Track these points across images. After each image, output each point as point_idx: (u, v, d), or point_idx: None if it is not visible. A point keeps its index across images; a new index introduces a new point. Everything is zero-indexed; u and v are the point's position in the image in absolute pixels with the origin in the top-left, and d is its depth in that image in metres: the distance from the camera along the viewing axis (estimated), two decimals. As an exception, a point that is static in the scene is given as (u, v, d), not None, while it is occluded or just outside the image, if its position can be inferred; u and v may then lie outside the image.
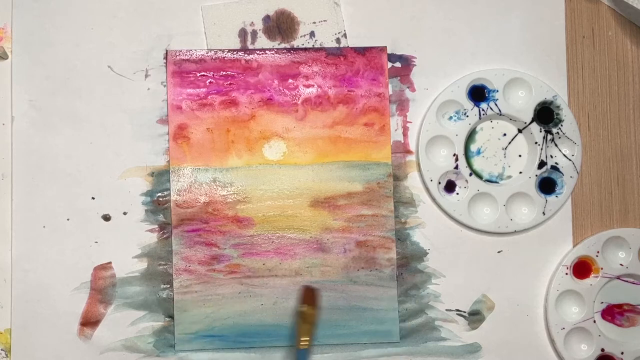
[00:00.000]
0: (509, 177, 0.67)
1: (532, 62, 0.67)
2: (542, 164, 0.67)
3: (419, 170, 0.66)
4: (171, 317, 0.64)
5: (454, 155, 0.66)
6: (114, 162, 0.65)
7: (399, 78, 0.67)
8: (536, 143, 0.67)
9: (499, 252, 0.66)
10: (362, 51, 0.67)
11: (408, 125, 0.67)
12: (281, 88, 0.66)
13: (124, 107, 0.65)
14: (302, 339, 0.60)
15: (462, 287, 0.66)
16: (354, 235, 0.65)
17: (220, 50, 0.66)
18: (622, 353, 0.66)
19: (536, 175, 0.66)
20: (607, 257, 0.66)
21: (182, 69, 0.66)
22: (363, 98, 0.66)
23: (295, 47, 0.66)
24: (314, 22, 0.67)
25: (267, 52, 0.66)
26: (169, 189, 0.65)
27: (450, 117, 0.66)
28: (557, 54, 0.68)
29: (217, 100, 0.66)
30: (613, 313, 0.66)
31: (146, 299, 0.64)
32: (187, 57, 0.66)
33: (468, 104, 0.66)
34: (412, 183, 0.66)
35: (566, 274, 0.66)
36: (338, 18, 0.67)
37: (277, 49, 0.66)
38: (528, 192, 0.66)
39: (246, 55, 0.66)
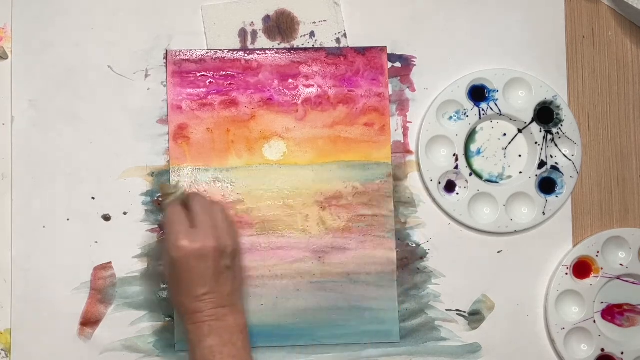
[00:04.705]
0: (509, 177, 0.67)
1: (532, 62, 0.67)
2: (542, 164, 0.66)
3: (419, 170, 0.66)
4: (171, 317, 0.64)
5: (454, 155, 0.66)
6: (114, 162, 0.65)
7: (399, 78, 0.67)
8: (536, 143, 0.67)
9: (499, 252, 0.66)
10: (362, 51, 0.67)
11: (408, 125, 0.67)
12: (281, 88, 0.66)
13: (124, 107, 0.65)
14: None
15: (462, 287, 0.66)
16: (354, 235, 0.65)
17: (220, 50, 0.66)
18: (622, 353, 0.66)
19: (536, 175, 0.66)
20: (607, 257, 0.66)
21: (182, 69, 0.66)
22: (363, 98, 0.66)
23: (295, 47, 0.66)
24: (314, 22, 0.67)
25: (267, 52, 0.66)
26: (169, 189, 0.65)
27: (450, 117, 0.66)
28: (557, 54, 0.68)
29: (217, 100, 0.66)
30: (613, 313, 0.66)
31: (146, 299, 0.64)
32: (187, 57, 0.66)
33: (468, 104, 0.66)
34: (412, 183, 0.66)
35: (566, 274, 0.66)
36: (338, 18, 0.67)
37: (277, 49, 0.66)
38: (528, 192, 0.66)
39: (246, 55, 0.66)
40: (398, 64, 0.67)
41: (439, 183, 0.66)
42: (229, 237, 0.57)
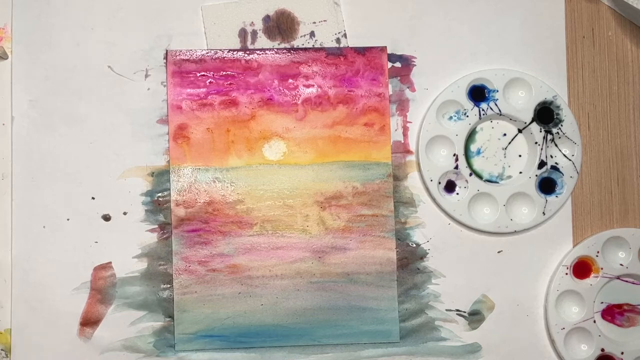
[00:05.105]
0: (509, 177, 0.67)
1: (532, 62, 0.67)
2: (542, 164, 0.67)
3: (419, 170, 0.66)
4: (171, 317, 0.64)
5: (454, 155, 0.66)
6: (114, 162, 0.65)
7: (399, 78, 0.67)
8: (536, 143, 0.67)
9: (499, 252, 0.66)
10: (362, 51, 0.67)
11: (408, 125, 0.67)
12: (281, 88, 0.66)
13: (124, 107, 0.65)
14: None
15: (462, 287, 0.66)
16: (354, 235, 0.65)
17: (220, 50, 0.66)
18: (622, 353, 0.66)
19: (536, 175, 0.66)
20: (607, 257, 0.66)
21: (182, 69, 0.66)
22: (363, 98, 0.66)
23: (295, 47, 0.66)
24: (314, 22, 0.67)
25: (267, 52, 0.66)
26: (169, 189, 0.65)
27: (450, 117, 0.66)
28: (557, 54, 0.68)
29: (217, 100, 0.66)
30: (613, 313, 0.66)
31: (146, 299, 0.64)
32: (187, 57, 0.66)
33: (468, 104, 0.66)
34: (412, 183, 0.66)
35: (566, 274, 0.66)
36: (338, 18, 0.67)
37: (277, 49, 0.66)
38: (528, 192, 0.66)
39: (246, 55, 0.66)
40: (398, 64, 0.67)
41: (439, 183, 0.66)
42: None
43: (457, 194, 0.66)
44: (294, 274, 0.65)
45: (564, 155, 0.67)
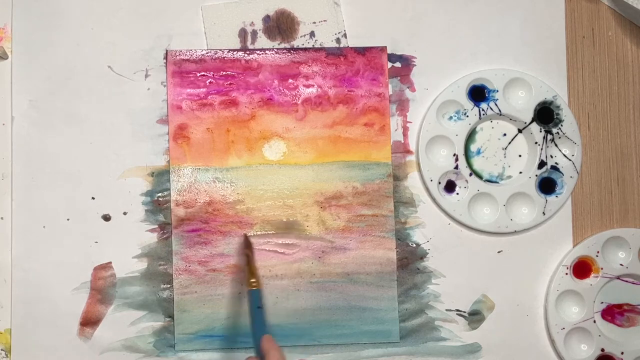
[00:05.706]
0: (509, 177, 0.67)
1: (532, 62, 0.67)
2: (542, 164, 0.67)
3: (419, 170, 0.66)
4: (171, 317, 0.64)
5: (454, 155, 0.66)
6: (114, 162, 0.65)
7: (399, 78, 0.67)
8: (536, 143, 0.67)
9: (499, 252, 0.66)
10: (362, 51, 0.67)
11: (408, 125, 0.67)
12: (281, 88, 0.66)
13: (124, 107, 0.65)
14: (251, 280, 0.60)
15: (462, 287, 0.66)
16: (354, 235, 0.65)
17: (220, 50, 0.66)
18: (622, 353, 0.66)
19: (536, 175, 0.66)
20: (607, 257, 0.66)
21: (182, 69, 0.66)
22: (363, 98, 0.66)
23: (295, 47, 0.66)
24: (314, 22, 0.67)
25: (267, 52, 0.66)
26: (169, 189, 0.65)
27: (450, 117, 0.66)
28: (557, 54, 0.68)
29: (217, 100, 0.66)
30: (613, 313, 0.66)
31: (146, 299, 0.64)
32: (187, 57, 0.66)
33: (468, 104, 0.66)
34: (412, 183, 0.66)
35: (566, 274, 0.66)
36: (338, 18, 0.67)
37: (277, 49, 0.66)
38: (528, 192, 0.66)
39: (246, 55, 0.66)
40: (398, 64, 0.67)
41: (439, 183, 0.66)
42: None
43: (457, 194, 0.66)
44: (294, 274, 0.65)
45: (564, 155, 0.67)
